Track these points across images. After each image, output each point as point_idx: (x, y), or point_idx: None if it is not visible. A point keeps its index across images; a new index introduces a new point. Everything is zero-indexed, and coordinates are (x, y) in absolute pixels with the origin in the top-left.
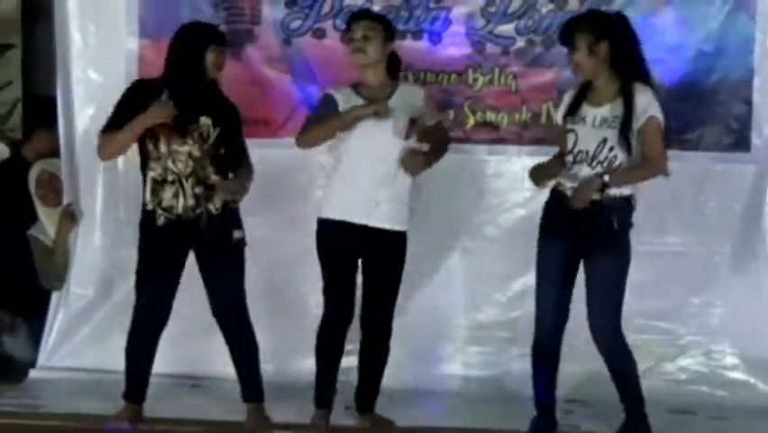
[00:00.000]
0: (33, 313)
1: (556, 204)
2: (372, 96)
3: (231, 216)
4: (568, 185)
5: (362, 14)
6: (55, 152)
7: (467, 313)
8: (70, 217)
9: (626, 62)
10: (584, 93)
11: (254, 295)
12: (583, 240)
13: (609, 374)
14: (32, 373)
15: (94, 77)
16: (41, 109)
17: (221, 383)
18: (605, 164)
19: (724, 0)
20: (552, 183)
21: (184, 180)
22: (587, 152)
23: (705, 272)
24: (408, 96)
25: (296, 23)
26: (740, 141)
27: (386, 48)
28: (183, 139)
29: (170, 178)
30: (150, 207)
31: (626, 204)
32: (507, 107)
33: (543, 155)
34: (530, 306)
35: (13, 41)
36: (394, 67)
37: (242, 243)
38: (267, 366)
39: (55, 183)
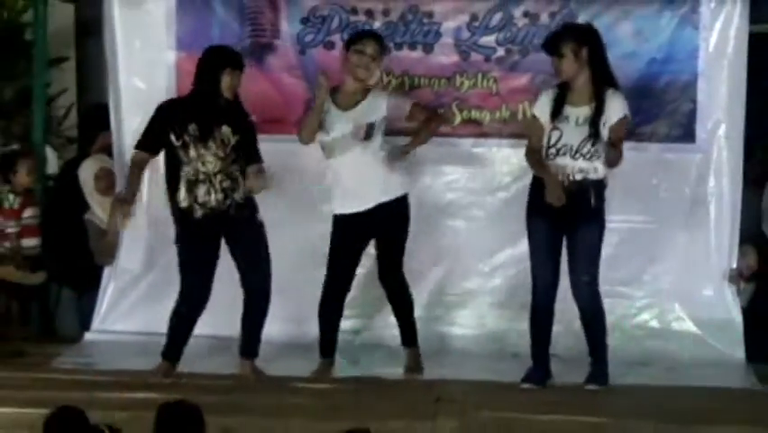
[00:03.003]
0: (89, 285)
1: (539, 189)
2: (343, 102)
3: (252, 203)
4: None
5: (374, 35)
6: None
7: (457, 281)
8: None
9: (600, 67)
10: (564, 96)
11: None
12: (566, 217)
13: (582, 326)
14: (87, 336)
15: (139, 85)
16: (100, 113)
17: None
18: (587, 157)
19: (672, 15)
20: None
21: (213, 178)
22: (571, 147)
23: (658, 245)
24: (375, 103)
25: (309, 37)
26: (687, 133)
27: (379, 72)
28: (207, 144)
29: (202, 177)
30: (185, 204)
31: (600, 184)
32: (489, 107)
33: (520, 147)
34: (509, 274)
35: (67, 54)
36: None
37: (263, 224)
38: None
39: (110, 176)
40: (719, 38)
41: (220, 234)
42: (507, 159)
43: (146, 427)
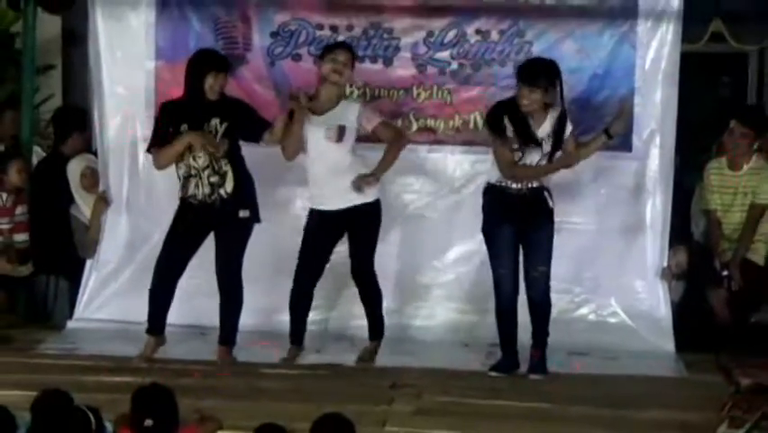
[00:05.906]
0: (71, 276)
1: (497, 196)
2: (318, 109)
3: (241, 198)
4: (509, 182)
5: (345, 45)
6: (85, 149)
7: (412, 277)
8: (104, 201)
9: (560, 98)
10: (524, 118)
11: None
12: (523, 220)
13: (531, 318)
14: (70, 324)
15: (121, 92)
16: (73, 116)
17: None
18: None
19: (611, 34)
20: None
21: (201, 173)
22: (531, 163)
23: (597, 244)
24: (346, 110)
25: (279, 50)
26: (624, 143)
27: (352, 75)
28: None
29: (192, 172)
30: (182, 194)
31: (549, 189)
32: (443, 116)
33: (471, 153)
34: (460, 270)
35: (54, 62)
36: None
37: (248, 220)
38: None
39: (95, 175)
40: (654, 56)
41: (208, 228)
42: (460, 164)
43: (124, 408)
